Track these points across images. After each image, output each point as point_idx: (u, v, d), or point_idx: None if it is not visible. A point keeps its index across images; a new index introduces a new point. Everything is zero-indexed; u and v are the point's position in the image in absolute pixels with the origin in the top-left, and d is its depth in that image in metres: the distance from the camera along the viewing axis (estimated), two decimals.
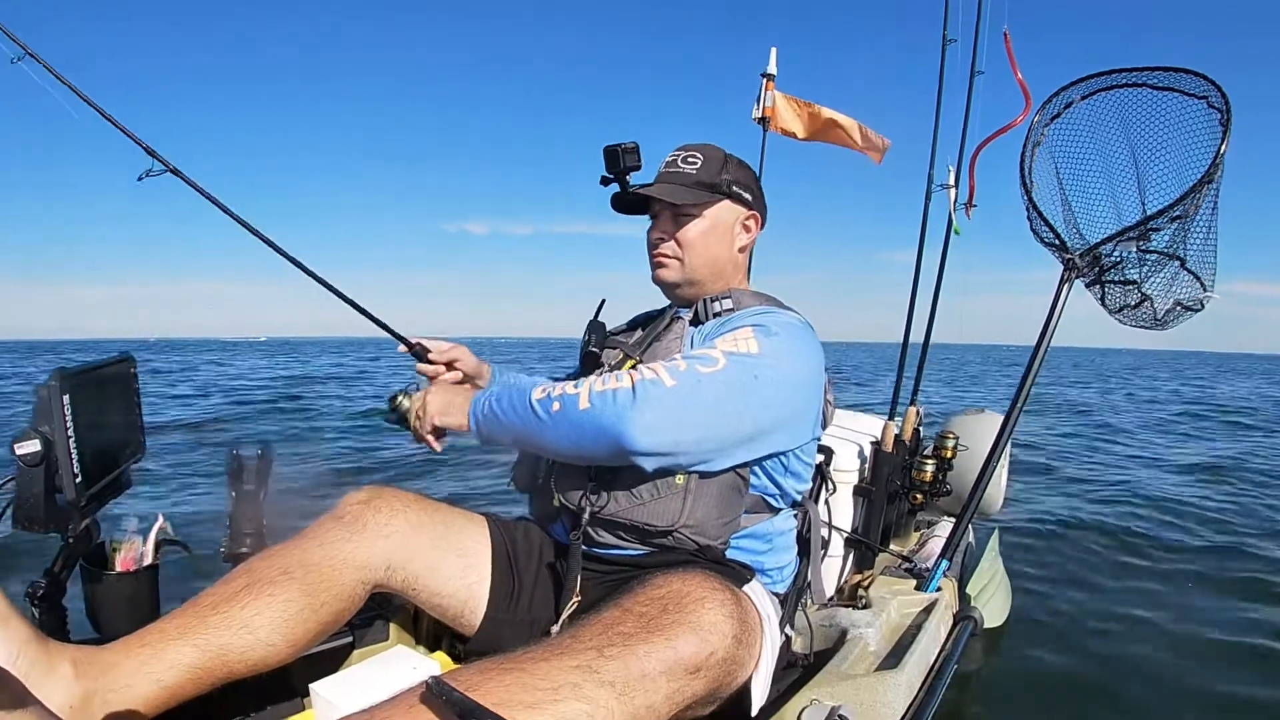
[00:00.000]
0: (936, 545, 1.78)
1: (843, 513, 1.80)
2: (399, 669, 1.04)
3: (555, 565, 1.18)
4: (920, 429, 2.03)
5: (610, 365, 1.23)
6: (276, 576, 1.00)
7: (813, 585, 1.31)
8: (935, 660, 1.35)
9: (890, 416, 2.02)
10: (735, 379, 1.00)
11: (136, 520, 1.20)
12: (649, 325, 1.29)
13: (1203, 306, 1.65)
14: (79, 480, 1.00)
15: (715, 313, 1.19)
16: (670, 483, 1.05)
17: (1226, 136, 1.47)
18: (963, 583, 1.83)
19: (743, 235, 1.26)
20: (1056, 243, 1.69)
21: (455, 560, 1.15)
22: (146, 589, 1.18)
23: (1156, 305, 1.68)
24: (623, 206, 1.25)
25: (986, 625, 1.78)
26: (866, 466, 1.86)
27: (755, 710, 0.98)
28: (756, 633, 0.96)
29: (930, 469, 1.91)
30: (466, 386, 1.17)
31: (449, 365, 1.34)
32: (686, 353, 1.08)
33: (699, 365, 1.00)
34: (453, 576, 1.14)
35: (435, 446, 1.17)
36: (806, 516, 1.29)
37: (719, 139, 1.26)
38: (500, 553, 1.18)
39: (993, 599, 2.12)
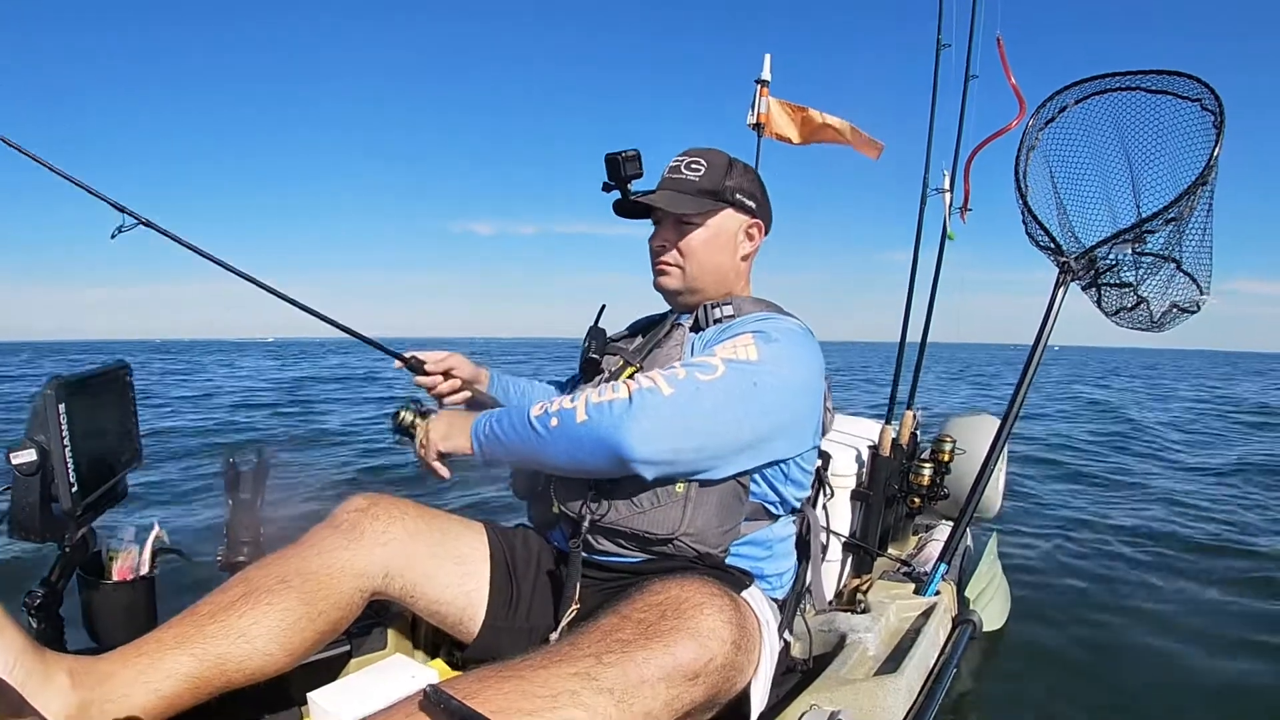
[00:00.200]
0: (935, 549, 1.79)
1: (841, 517, 1.80)
2: (397, 677, 1.04)
3: (554, 572, 1.18)
4: (918, 432, 2.03)
5: (610, 372, 1.23)
6: (274, 585, 0.99)
7: (813, 590, 1.31)
8: (934, 664, 1.35)
9: (887, 420, 2.02)
10: (734, 386, 1.00)
11: (133, 529, 1.19)
12: (649, 332, 1.28)
13: (1199, 308, 1.66)
14: (75, 489, 1.00)
15: (716, 319, 1.18)
16: (670, 491, 1.05)
17: (1220, 139, 1.48)
18: (961, 586, 1.83)
19: (745, 244, 1.25)
20: (1052, 246, 1.70)
21: (453, 568, 1.15)
22: (143, 598, 1.17)
23: (1153, 307, 1.68)
24: (625, 211, 1.24)
25: (986, 628, 1.78)
26: (864, 471, 1.86)
27: (755, 716, 0.98)
28: (755, 638, 0.95)
29: (928, 473, 1.92)
30: (468, 412, 1.17)
31: (445, 374, 1.34)
32: (686, 360, 1.07)
33: (698, 373, 0.99)
34: (451, 584, 1.14)
35: (442, 474, 1.16)
36: (805, 521, 1.29)
37: (721, 139, 1.25)
38: (499, 560, 1.18)
39: (991, 602, 2.12)
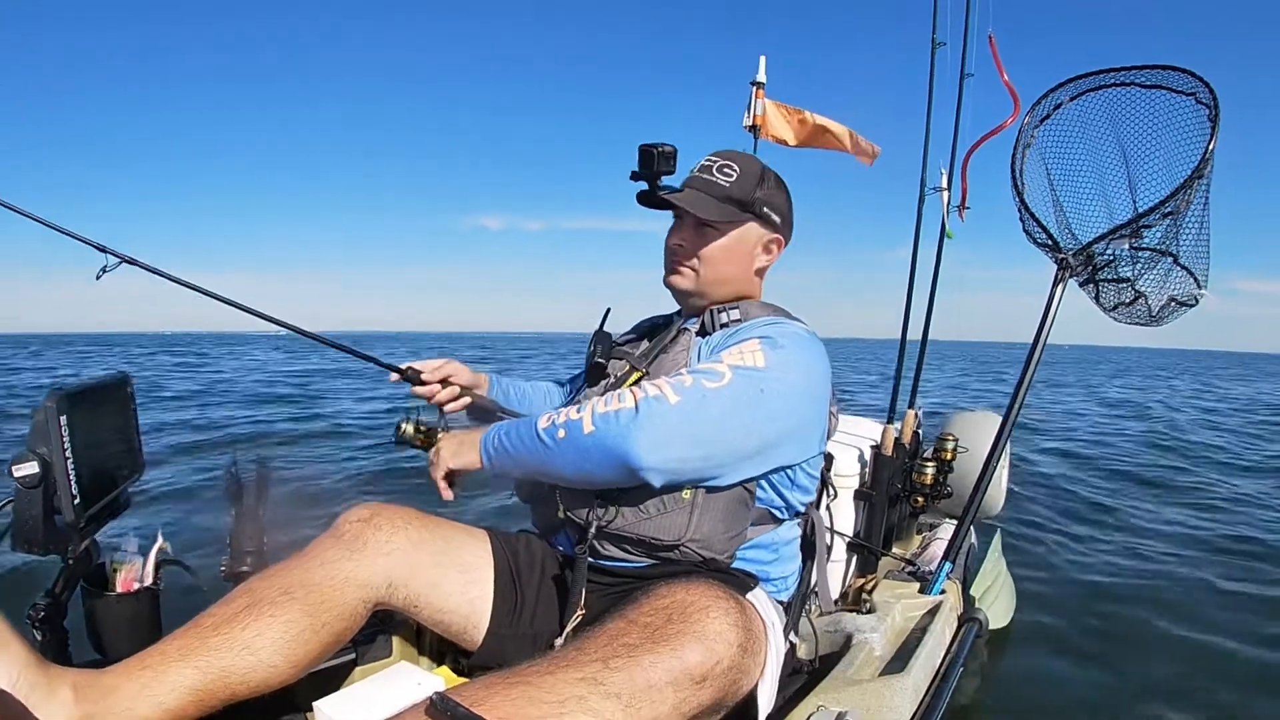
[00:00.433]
0: (939, 548, 1.78)
1: (844, 517, 1.80)
2: (403, 685, 1.03)
3: (558, 578, 1.18)
4: (919, 431, 2.03)
5: (616, 377, 1.22)
6: (277, 597, 0.99)
7: (817, 591, 1.31)
8: (941, 663, 1.35)
9: (889, 420, 2.02)
10: (741, 393, 0.99)
11: (136, 541, 1.19)
12: (655, 334, 1.28)
13: (1197, 302, 1.66)
14: (77, 501, 1.00)
15: (723, 324, 1.17)
16: (677, 497, 1.04)
17: (1215, 132, 1.48)
18: (966, 584, 1.83)
19: (763, 257, 1.24)
20: (1049, 243, 1.70)
21: (457, 576, 1.14)
22: (147, 610, 1.17)
23: (1151, 302, 1.69)
24: (647, 201, 1.21)
25: (991, 626, 1.78)
26: (867, 471, 1.86)
27: (762, 717, 0.97)
28: (761, 640, 0.95)
29: (931, 471, 1.91)
30: (476, 429, 1.17)
31: (443, 382, 1.34)
32: (693, 367, 1.07)
33: (705, 380, 0.99)
34: (455, 593, 1.14)
35: (447, 496, 1.15)
36: (810, 523, 1.29)
37: (731, 139, 1.23)
38: (503, 567, 1.18)
39: (997, 600, 2.12)
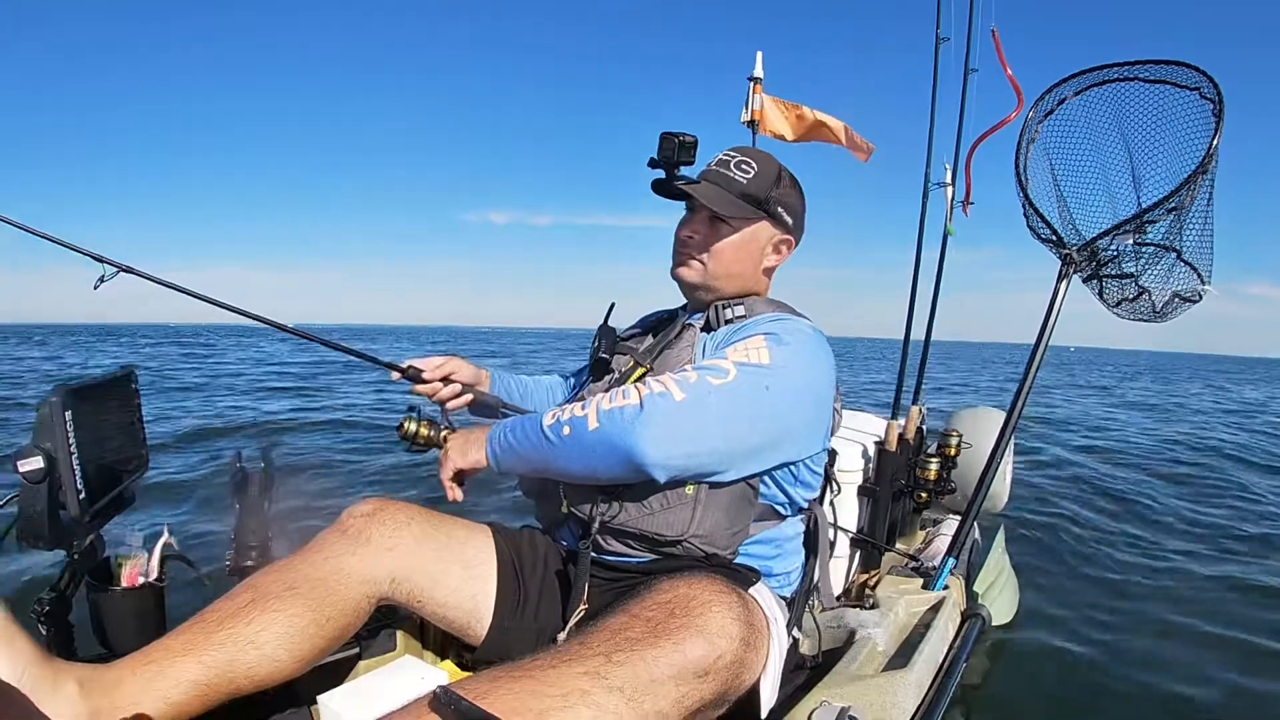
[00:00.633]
0: (942, 543, 1.78)
1: (848, 513, 1.80)
2: (407, 679, 1.04)
3: (561, 573, 1.18)
4: (923, 427, 2.03)
5: (620, 373, 1.22)
6: (281, 592, 0.99)
7: (820, 586, 1.31)
8: (944, 659, 1.35)
9: (893, 416, 2.01)
10: (746, 391, 0.99)
11: (141, 536, 1.20)
12: (659, 330, 1.28)
13: (1200, 298, 1.66)
14: (82, 496, 1.00)
15: (728, 319, 1.17)
16: (680, 493, 1.05)
17: (1219, 127, 1.48)
18: (970, 580, 1.82)
19: (772, 256, 1.23)
20: (1053, 239, 1.69)
21: (460, 572, 1.15)
22: (152, 604, 1.17)
23: (1155, 298, 1.68)
24: (662, 190, 1.21)
25: (995, 622, 1.78)
26: (871, 466, 1.86)
27: (765, 713, 0.98)
28: (764, 635, 0.95)
29: (934, 467, 1.91)
30: (482, 427, 1.17)
31: (445, 380, 1.34)
32: (697, 363, 1.07)
33: (709, 376, 0.99)
34: (458, 588, 1.14)
35: (455, 496, 1.15)
36: (813, 518, 1.29)
37: (730, 134, 1.21)
38: (506, 562, 1.18)
39: (1000, 595, 2.12)
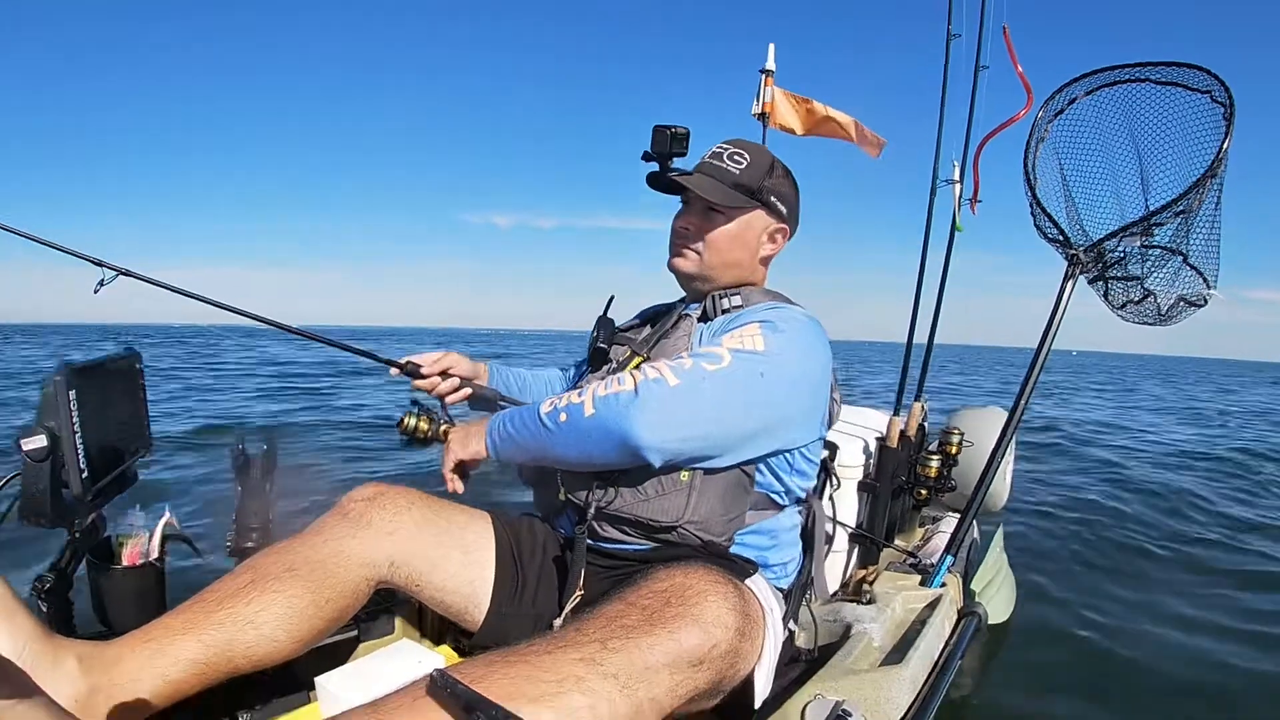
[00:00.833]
0: (941, 541, 1.78)
1: (847, 508, 1.80)
2: (404, 662, 1.04)
3: (559, 560, 1.19)
4: (925, 424, 2.03)
5: (618, 362, 1.23)
6: (281, 573, 1.00)
7: (815, 580, 1.31)
8: (939, 656, 1.35)
9: (895, 411, 2.01)
10: (741, 376, 1.00)
11: (143, 515, 1.20)
12: (657, 321, 1.28)
13: (1205, 302, 1.65)
14: (85, 475, 1.01)
15: (724, 309, 1.18)
16: (675, 479, 1.05)
17: (1230, 131, 1.47)
18: (967, 578, 1.83)
19: (767, 245, 1.24)
20: (1060, 238, 1.68)
21: (459, 557, 1.15)
22: (153, 583, 1.18)
23: (1160, 301, 1.67)
24: (657, 184, 1.22)
25: (991, 621, 1.78)
26: (871, 462, 1.86)
27: (758, 704, 0.98)
28: (759, 626, 0.96)
29: (935, 464, 1.91)
30: (482, 419, 1.19)
31: (443, 374, 1.36)
32: (693, 350, 1.08)
33: (704, 363, 1.00)
34: (456, 573, 1.15)
35: (456, 488, 1.18)
36: (811, 512, 1.29)
37: (734, 131, 1.23)
38: (504, 548, 1.19)
39: (997, 595, 2.12)
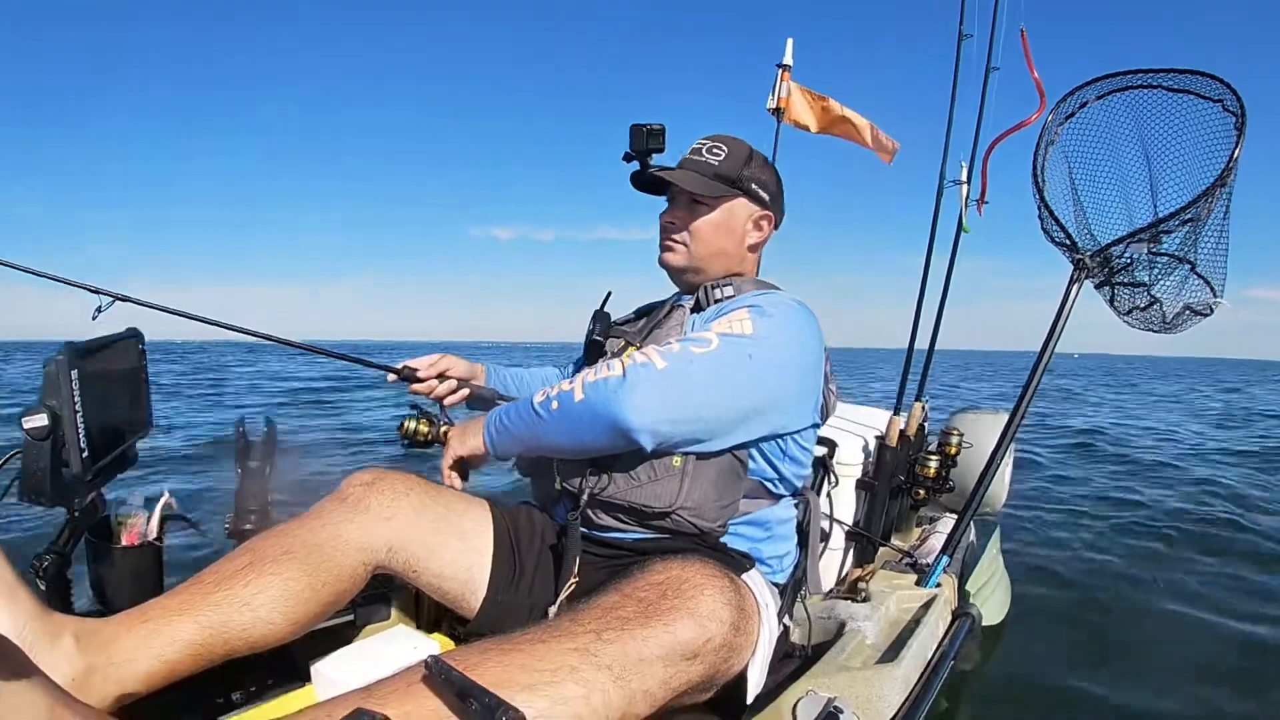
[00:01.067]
0: (938, 541, 1.78)
1: (845, 505, 1.80)
2: (399, 648, 1.05)
3: (556, 549, 1.19)
4: (925, 425, 2.03)
5: (612, 353, 1.24)
6: (279, 556, 1.01)
7: (810, 577, 1.32)
8: (932, 656, 1.36)
9: (896, 410, 2.01)
10: (729, 359, 1.01)
11: (142, 496, 1.21)
12: (651, 314, 1.29)
13: (1212, 311, 1.65)
14: (85, 454, 1.01)
15: (716, 299, 1.20)
16: (667, 464, 1.06)
17: (1241, 141, 1.46)
18: (963, 579, 1.83)
19: (754, 233, 1.26)
20: (1067, 243, 1.68)
21: (456, 544, 1.16)
22: (151, 564, 1.19)
23: (1166, 308, 1.67)
24: (641, 184, 1.26)
25: (985, 623, 1.78)
26: (870, 460, 1.86)
27: (751, 698, 0.99)
28: (754, 620, 0.96)
29: (934, 465, 1.91)
30: (480, 416, 1.20)
31: (440, 377, 1.37)
32: (682, 336, 1.09)
33: (692, 346, 1.01)
34: (454, 560, 1.15)
35: (457, 485, 1.20)
36: (807, 507, 1.30)
37: (738, 129, 1.26)
38: (502, 536, 1.19)
39: (992, 597, 2.12)
